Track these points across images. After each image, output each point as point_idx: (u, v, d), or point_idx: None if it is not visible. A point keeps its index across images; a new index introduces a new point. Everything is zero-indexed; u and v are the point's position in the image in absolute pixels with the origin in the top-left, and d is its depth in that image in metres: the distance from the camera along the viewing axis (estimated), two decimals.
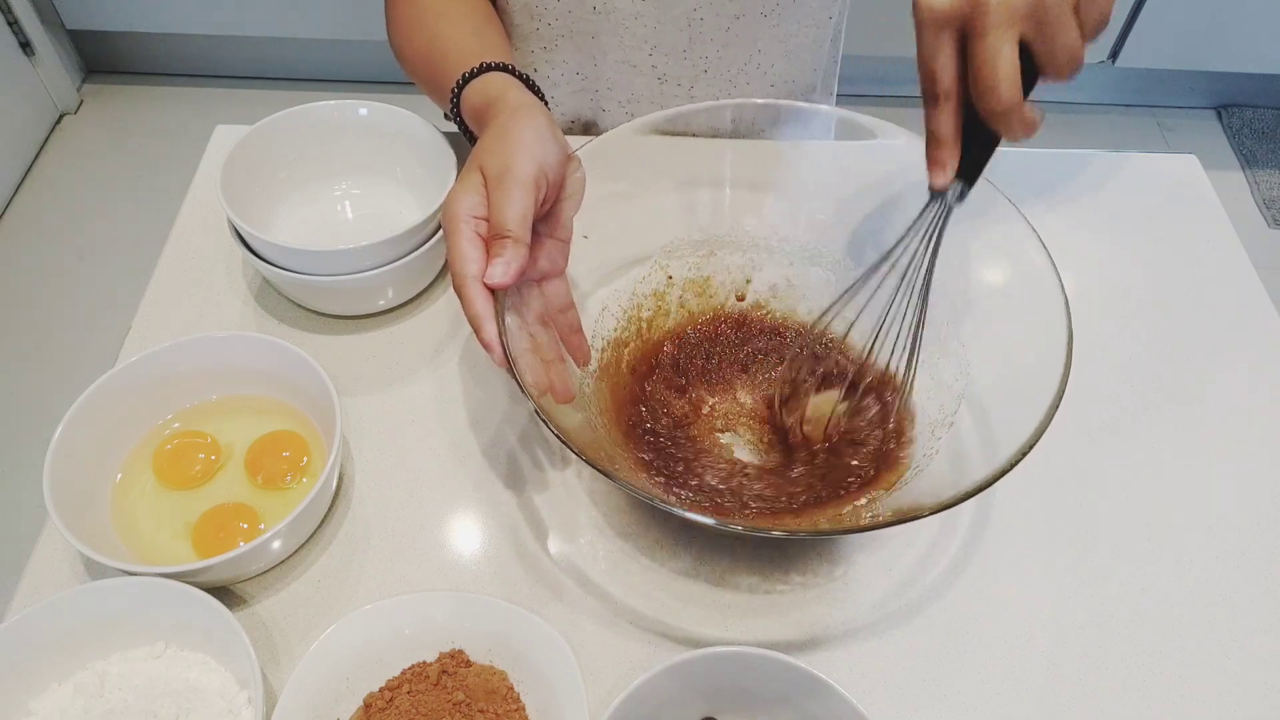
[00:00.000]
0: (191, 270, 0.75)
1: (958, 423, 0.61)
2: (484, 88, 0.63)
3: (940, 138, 0.52)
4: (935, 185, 0.54)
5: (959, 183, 0.54)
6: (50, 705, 0.52)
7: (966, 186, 0.54)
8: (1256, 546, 0.63)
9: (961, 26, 0.49)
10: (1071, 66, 0.49)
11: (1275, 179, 2.04)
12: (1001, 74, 0.48)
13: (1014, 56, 0.48)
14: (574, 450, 0.50)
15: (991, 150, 0.53)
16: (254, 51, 2.09)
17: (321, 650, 0.52)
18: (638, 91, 0.87)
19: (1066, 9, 0.47)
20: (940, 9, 0.49)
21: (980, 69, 0.48)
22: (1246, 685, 0.57)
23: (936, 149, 0.53)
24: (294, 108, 0.74)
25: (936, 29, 0.49)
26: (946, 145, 0.52)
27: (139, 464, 0.62)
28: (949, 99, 0.51)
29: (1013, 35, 0.47)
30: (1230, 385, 0.71)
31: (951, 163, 0.53)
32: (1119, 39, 1.94)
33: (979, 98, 0.49)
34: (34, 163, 1.97)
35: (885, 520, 0.52)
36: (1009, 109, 0.48)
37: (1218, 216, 0.82)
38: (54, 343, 1.69)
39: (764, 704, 0.53)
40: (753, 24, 0.82)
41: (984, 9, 0.47)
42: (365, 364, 0.70)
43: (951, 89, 0.50)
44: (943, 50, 0.50)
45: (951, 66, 0.50)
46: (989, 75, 0.48)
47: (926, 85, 0.51)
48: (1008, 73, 0.48)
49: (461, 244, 0.53)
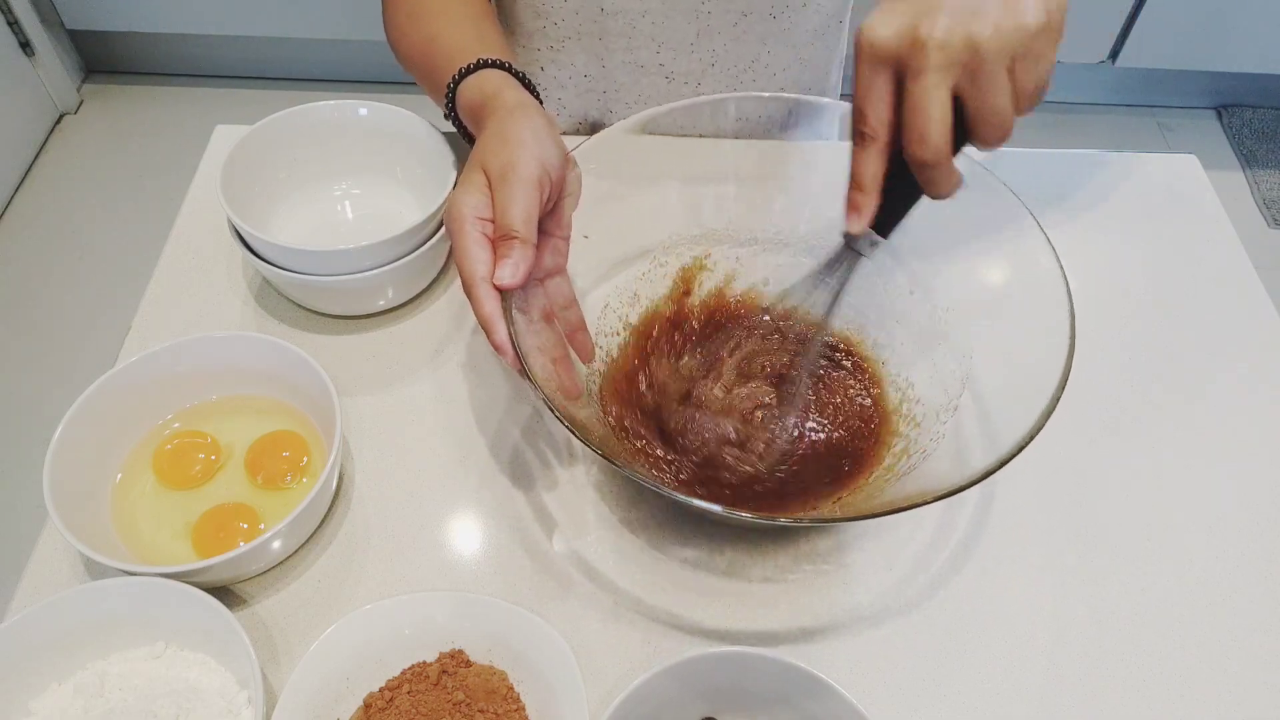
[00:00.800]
0: (191, 270, 0.75)
1: (961, 417, 0.61)
2: (480, 85, 0.63)
3: (860, 182, 0.50)
4: (848, 230, 0.52)
5: (871, 234, 0.52)
6: (50, 705, 0.52)
7: (880, 237, 0.53)
8: (1256, 546, 0.63)
9: (899, 67, 0.47)
10: (999, 132, 0.47)
11: (1275, 179, 2.05)
12: (932, 119, 0.46)
13: (947, 103, 0.46)
14: (589, 445, 0.50)
15: (911, 204, 0.51)
16: (254, 51, 2.09)
17: (321, 650, 0.52)
18: (645, 91, 0.87)
19: (1001, 65, 0.45)
20: (879, 44, 0.47)
21: (912, 112, 0.47)
22: (1246, 685, 0.57)
23: (856, 193, 0.51)
24: (294, 108, 0.74)
25: (873, 65, 0.47)
26: (866, 190, 0.50)
27: (139, 464, 0.62)
28: (874, 141, 0.49)
29: (948, 80, 0.46)
30: (1230, 385, 0.71)
31: (869, 210, 0.51)
32: (1119, 39, 1.94)
33: (908, 144, 0.47)
34: (34, 163, 1.97)
35: (890, 507, 0.52)
36: (936, 160, 0.47)
37: (1218, 216, 0.82)
38: (54, 343, 1.69)
39: (764, 704, 0.53)
40: (760, 22, 0.82)
41: (923, 49, 0.45)
42: (365, 364, 0.70)
43: (879, 130, 0.48)
44: (876, 89, 0.48)
45: (884, 108, 0.48)
46: (921, 119, 0.46)
47: (855, 123, 0.50)
48: (938, 118, 0.46)
49: (468, 245, 0.53)
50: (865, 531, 0.63)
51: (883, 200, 0.51)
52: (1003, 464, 0.50)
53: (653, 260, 0.70)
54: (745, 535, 0.62)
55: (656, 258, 0.70)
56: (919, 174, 0.49)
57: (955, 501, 0.64)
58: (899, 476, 0.59)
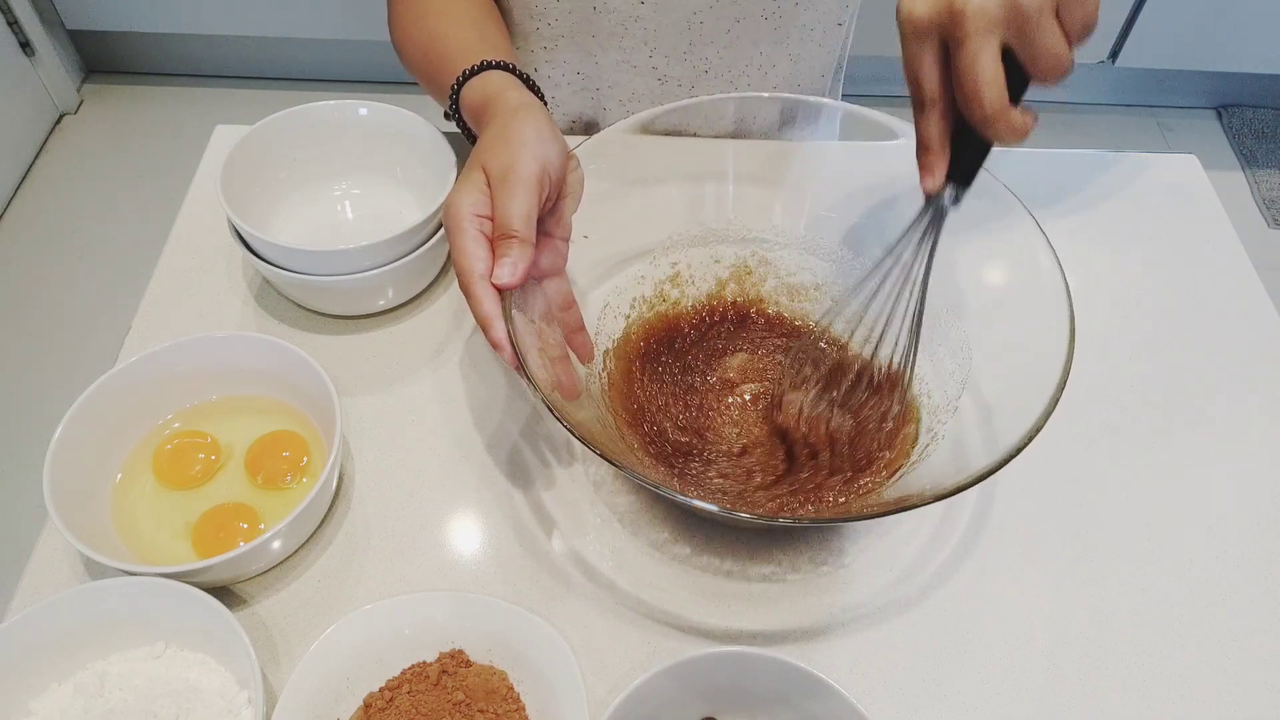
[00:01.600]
0: (191, 270, 0.75)
1: (961, 418, 0.61)
2: (483, 85, 0.63)
3: (927, 144, 0.53)
4: (926, 189, 0.54)
5: (952, 187, 0.54)
6: (50, 705, 0.52)
7: (961, 190, 0.54)
8: (1256, 546, 0.63)
9: (942, 35, 0.49)
10: (1057, 71, 0.48)
11: (1275, 179, 2.05)
12: (983, 81, 0.48)
13: (995, 63, 0.48)
14: (588, 444, 0.50)
15: (984, 155, 0.53)
16: (254, 51, 2.09)
17: (321, 650, 0.52)
18: (639, 91, 0.87)
19: (1047, 13, 0.47)
20: (919, 19, 0.49)
21: (962, 77, 0.48)
22: (1246, 685, 0.57)
23: (924, 154, 0.53)
24: (294, 108, 0.74)
25: (918, 38, 0.50)
26: (933, 151, 0.53)
27: (139, 464, 0.62)
28: (934, 105, 0.51)
29: (992, 42, 0.47)
30: (1230, 385, 0.71)
31: (940, 168, 0.53)
32: (1119, 39, 1.94)
33: (964, 106, 0.49)
34: (34, 163, 1.97)
35: (890, 508, 0.52)
36: (994, 116, 0.48)
37: (1218, 216, 0.82)
38: (54, 343, 1.69)
39: (764, 704, 0.53)
40: (753, 27, 0.82)
41: (961, 17, 0.47)
42: (365, 364, 0.70)
43: (935, 96, 0.51)
44: (925, 58, 0.50)
45: (934, 74, 0.50)
46: (970, 83, 0.48)
47: (912, 92, 0.52)
48: (989, 79, 0.48)
49: (466, 243, 0.53)
50: (865, 531, 0.63)
51: (957, 153, 0.53)
52: (1002, 464, 0.50)
53: (653, 260, 0.70)
54: (745, 535, 0.62)
55: (657, 257, 0.70)
56: (981, 129, 0.50)
57: (955, 502, 0.64)
58: (899, 477, 0.59)
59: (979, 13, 0.47)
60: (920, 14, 0.49)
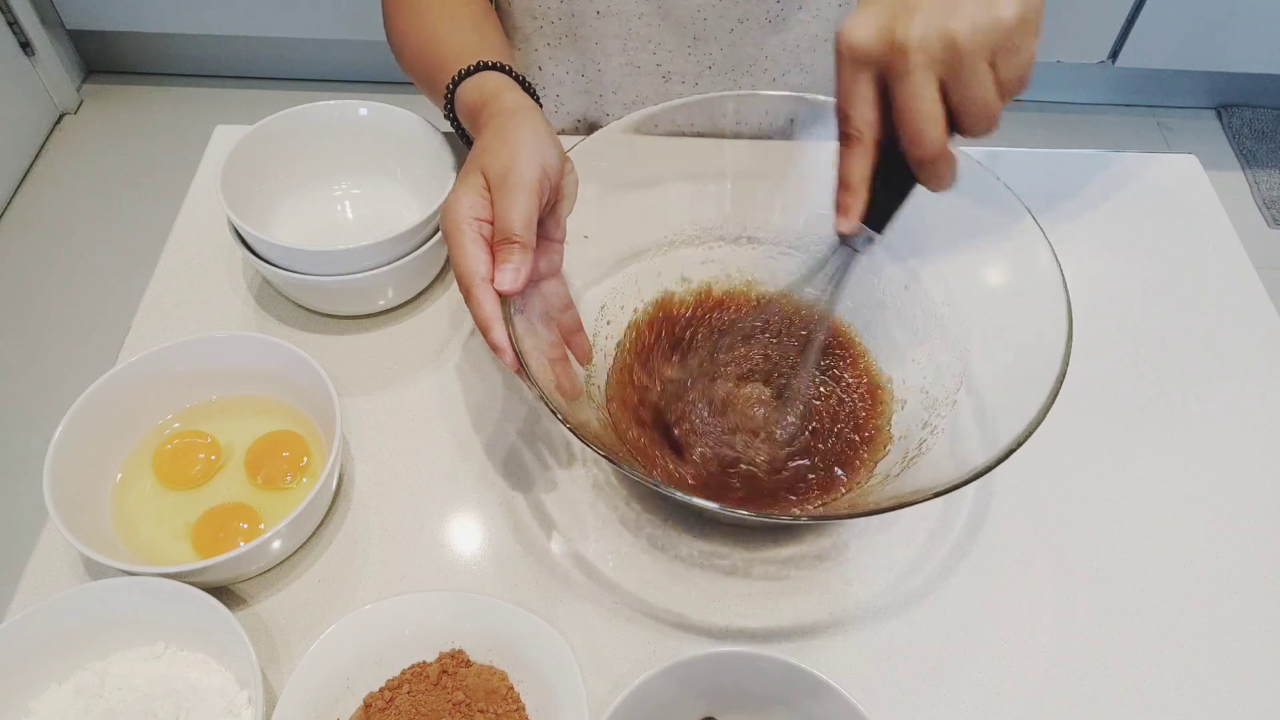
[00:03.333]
0: (191, 270, 0.75)
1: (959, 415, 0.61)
2: (479, 86, 0.63)
3: (847, 182, 0.50)
4: (840, 231, 0.52)
5: (866, 230, 0.52)
6: (50, 705, 0.52)
7: (875, 233, 0.53)
8: (1256, 546, 0.63)
9: (881, 68, 0.47)
10: (983, 122, 0.47)
11: (1275, 179, 2.05)
12: (927, 119, 0.46)
13: (936, 100, 0.46)
14: (590, 445, 0.50)
15: (904, 198, 0.52)
16: (254, 51, 2.09)
17: (321, 650, 0.52)
18: (642, 92, 0.87)
19: (982, 59, 0.45)
20: (859, 48, 0.47)
21: (903, 114, 0.47)
22: (1246, 685, 0.57)
23: (843, 193, 0.51)
24: (294, 108, 0.74)
25: (855, 67, 0.48)
26: (853, 190, 0.51)
27: (139, 464, 0.62)
28: (860, 141, 0.49)
29: (933, 79, 0.46)
30: (1230, 385, 0.71)
31: (857, 209, 0.51)
32: (1119, 39, 1.94)
33: (907, 144, 0.48)
34: (34, 163, 1.97)
35: (889, 504, 0.52)
36: (934, 156, 0.47)
37: (1218, 216, 0.82)
38: (54, 343, 1.69)
39: (764, 704, 0.53)
40: (756, 29, 0.82)
41: (904, 51, 0.45)
42: (365, 364, 0.70)
43: (864, 131, 0.49)
44: (860, 90, 0.48)
45: (867, 108, 0.48)
46: (913, 120, 0.46)
47: (840, 125, 0.50)
48: (932, 117, 0.46)
49: (466, 246, 0.53)
50: (865, 531, 0.63)
51: (875, 196, 0.51)
52: (1000, 460, 0.50)
53: (651, 260, 0.70)
54: (745, 534, 0.62)
55: (655, 257, 0.70)
56: (919, 171, 0.49)
57: (954, 502, 0.64)
58: (897, 474, 0.59)
59: (921, 48, 0.45)
60: (861, 41, 0.47)
